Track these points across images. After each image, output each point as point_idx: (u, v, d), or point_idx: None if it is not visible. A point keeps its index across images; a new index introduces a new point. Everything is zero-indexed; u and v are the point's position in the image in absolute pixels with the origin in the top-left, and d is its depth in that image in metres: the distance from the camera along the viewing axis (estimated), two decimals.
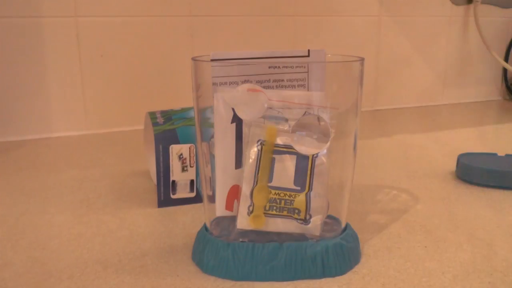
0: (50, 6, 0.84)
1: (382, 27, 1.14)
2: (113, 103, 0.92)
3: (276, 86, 0.38)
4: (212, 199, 0.42)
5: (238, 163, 0.40)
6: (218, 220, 0.43)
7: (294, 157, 0.39)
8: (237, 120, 0.39)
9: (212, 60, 0.38)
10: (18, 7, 0.82)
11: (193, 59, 0.39)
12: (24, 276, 0.40)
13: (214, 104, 0.38)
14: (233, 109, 0.38)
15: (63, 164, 0.71)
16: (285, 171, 0.39)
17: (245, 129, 0.39)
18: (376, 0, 1.12)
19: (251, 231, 0.40)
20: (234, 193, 0.40)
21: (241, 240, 0.40)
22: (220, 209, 0.41)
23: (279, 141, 0.39)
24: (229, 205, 0.41)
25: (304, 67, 0.38)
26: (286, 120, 0.38)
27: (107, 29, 0.89)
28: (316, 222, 0.39)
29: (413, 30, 1.18)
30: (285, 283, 0.39)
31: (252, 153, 0.39)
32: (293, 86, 0.38)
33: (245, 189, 0.39)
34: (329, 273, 0.39)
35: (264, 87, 0.38)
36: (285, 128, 0.39)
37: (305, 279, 0.39)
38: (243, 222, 0.39)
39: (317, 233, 0.40)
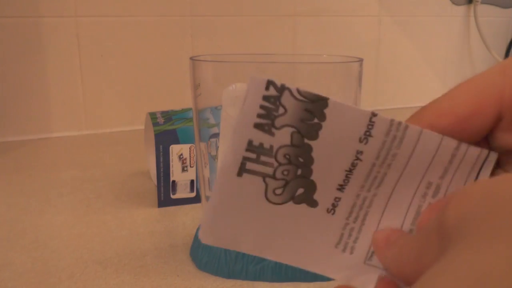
0: (50, 6, 0.84)
1: (382, 27, 1.14)
2: (113, 103, 0.92)
3: None
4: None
5: None
6: None
7: None
8: None
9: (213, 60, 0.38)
10: (18, 7, 0.83)
11: (191, 58, 0.39)
12: (24, 276, 0.40)
13: (222, 100, 0.38)
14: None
15: (63, 164, 0.72)
16: None
17: None
18: (376, 0, 1.12)
19: None
20: None
21: None
22: None
23: None
24: None
25: None
26: None
27: (107, 29, 0.89)
28: None
29: (413, 30, 1.18)
30: (288, 283, 0.39)
31: None
32: None
33: None
34: (321, 278, 0.39)
35: None
36: None
37: (296, 281, 0.39)
38: None
39: None
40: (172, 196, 0.54)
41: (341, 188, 0.20)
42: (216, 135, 0.41)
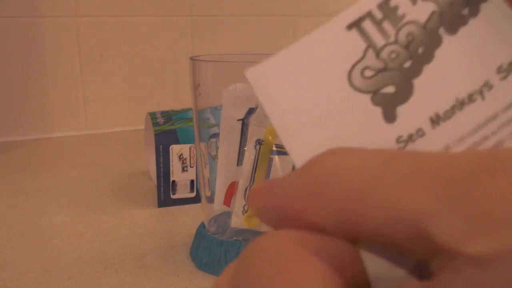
0: (50, 6, 0.84)
1: None
2: (113, 103, 0.92)
3: None
4: (210, 199, 0.42)
5: (241, 160, 0.40)
6: (216, 218, 0.43)
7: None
8: (243, 118, 0.39)
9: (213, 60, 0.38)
10: (18, 7, 0.82)
11: (191, 58, 0.39)
12: (24, 276, 0.40)
13: (222, 100, 0.39)
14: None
15: (63, 164, 0.71)
16: (282, 172, 0.39)
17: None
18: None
19: (246, 230, 0.40)
20: (233, 189, 0.40)
21: (235, 238, 0.40)
22: (218, 204, 0.41)
23: (279, 141, 0.39)
24: (227, 201, 0.41)
25: None
26: None
27: (107, 29, 0.89)
28: None
29: None
30: None
31: (250, 152, 0.39)
32: None
33: (241, 188, 0.39)
34: None
35: None
36: None
37: None
38: (237, 221, 0.40)
39: None
40: (172, 196, 0.54)
41: (435, 120, 0.14)
42: (216, 135, 0.41)
